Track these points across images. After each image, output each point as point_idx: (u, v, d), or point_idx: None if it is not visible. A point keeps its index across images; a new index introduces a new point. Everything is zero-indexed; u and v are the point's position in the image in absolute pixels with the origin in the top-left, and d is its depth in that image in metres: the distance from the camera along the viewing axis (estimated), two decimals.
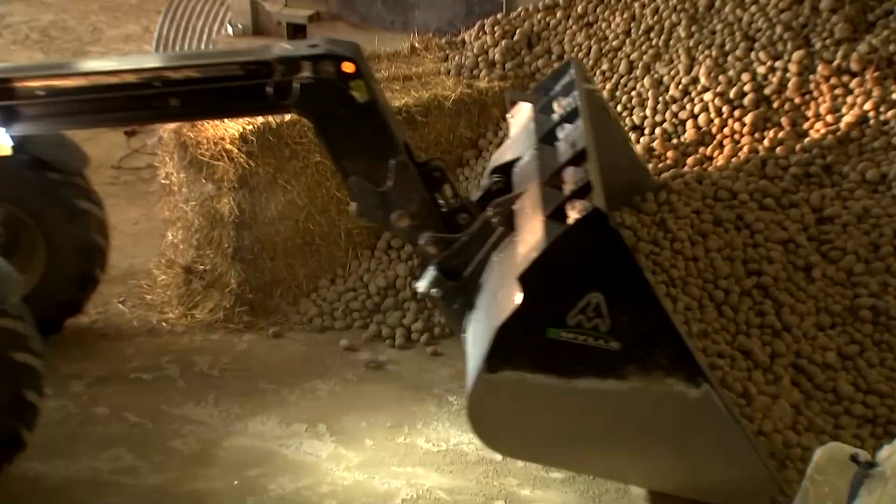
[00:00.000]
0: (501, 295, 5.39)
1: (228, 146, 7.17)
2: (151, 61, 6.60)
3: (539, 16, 8.25)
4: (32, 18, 11.10)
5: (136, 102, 6.02)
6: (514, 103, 6.92)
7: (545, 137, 6.07)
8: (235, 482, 5.92)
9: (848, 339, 5.99)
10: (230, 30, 9.07)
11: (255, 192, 7.30)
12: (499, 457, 6.08)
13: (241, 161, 7.17)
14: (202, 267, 7.27)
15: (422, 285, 5.99)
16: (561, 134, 6.03)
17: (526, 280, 5.00)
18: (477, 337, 5.59)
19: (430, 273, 5.90)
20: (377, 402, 6.55)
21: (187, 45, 9.16)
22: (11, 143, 5.92)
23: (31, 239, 6.75)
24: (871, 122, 6.88)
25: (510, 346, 5.12)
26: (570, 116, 6.01)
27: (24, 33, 10.67)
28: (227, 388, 6.66)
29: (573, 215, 5.20)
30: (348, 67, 5.71)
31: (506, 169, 6.21)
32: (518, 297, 5.03)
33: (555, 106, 6.31)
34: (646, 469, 5.49)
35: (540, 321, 5.04)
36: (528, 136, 6.27)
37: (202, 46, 9.13)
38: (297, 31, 9.01)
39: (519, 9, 8.36)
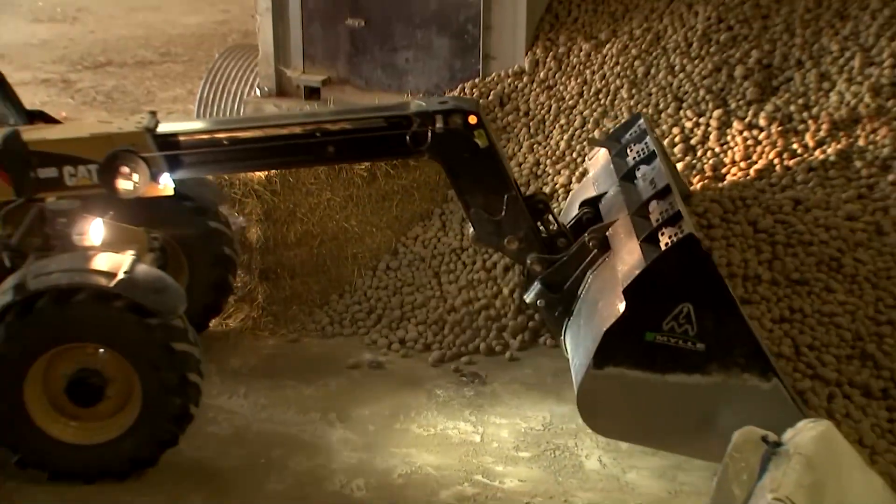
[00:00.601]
0: (603, 305, 5.43)
1: (256, 186, 7.19)
2: (318, 114, 6.67)
3: (509, 80, 8.28)
4: (98, 84, 11.10)
5: (298, 149, 6.09)
6: (592, 148, 6.95)
7: (625, 176, 6.09)
8: (262, 460, 5.91)
9: (798, 332, 5.91)
10: (258, 92, 9.04)
11: (277, 223, 7.32)
12: (477, 439, 6.08)
13: (266, 198, 7.20)
14: (235, 284, 7.24)
15: (529, 296, 6.04)
16: (638, 173, 6.04)
17: (629, 293, 5.03)
18: (579, 339, 5.62)
19: (536, 286, 5.95)
20: (378, 395, 6.53)
21: (224, 104, 9.16)
22: (173, 185, 6.00)
23: (178, 258, 6.76)
24: (777, 167, 6.89)
25: (614, 346, 5.13)
26: (647, 159, 6.03)
27: (91, 96, 10.69)
28: (254, 384, 6.64)
29: (665, 240, 5.23)
30: (472, 119, 5.78)
31: (593, 202, 6.22)
32: (622, 307, 5.07)
33: (629, 151, 6.29)
34: (720, 447, 5.43)
35: (640, 326, 5.06)
36: (608, 175, 6.28)
37: (236, 106, 9.10)
38: (312, 93, 8.97)
39: (492, 74, 8.37)
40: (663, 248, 5.17)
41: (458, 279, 7.25)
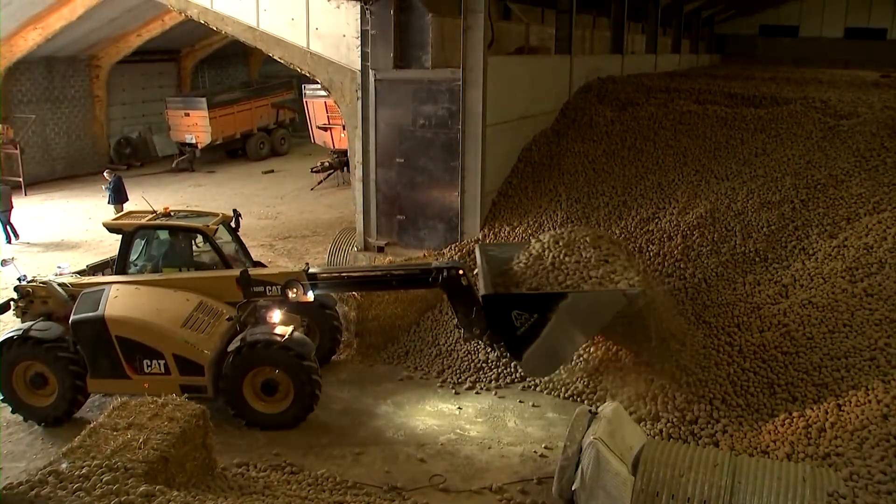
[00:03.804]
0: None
1: (357, 297, 7.16)
2: (387, 266, 6.49)
3: (470, 245, 8.15)
4: (284, 246, 11.17)
5: (379, 282, 6.08)
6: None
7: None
8: (355, 421, 5.87)
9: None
10: (356, 248, 9.01)
11: (364, 310, 7.22)
12: (458, 412, 5.97)
13: (357, 299, 7.18)
14: (342, 339, 7.15)
15: (490, 350, 6.05)
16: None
17: (490, 333, 5.34)
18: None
19: (492, 345, 5.78)
20: (409, 390, 6.46)
21: (339, 255, 9.11)
22: (313, 296, 6.06)
23: (314, 330, 6.74)
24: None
25: (513, 347, 5.28)
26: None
27: (280, 252, 10.78)
28: (351, 385, 6.56)
29: None
30: (461, 272, 5.70)
31: None
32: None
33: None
34: (572, 344, 5.45)
35: (511, 332, 5.19)
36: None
37: (345, 256, 9.05)
38: (380, 249, 8.86)
39: (465, 240, 8.36)
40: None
41: (447, 339, 7.14)
